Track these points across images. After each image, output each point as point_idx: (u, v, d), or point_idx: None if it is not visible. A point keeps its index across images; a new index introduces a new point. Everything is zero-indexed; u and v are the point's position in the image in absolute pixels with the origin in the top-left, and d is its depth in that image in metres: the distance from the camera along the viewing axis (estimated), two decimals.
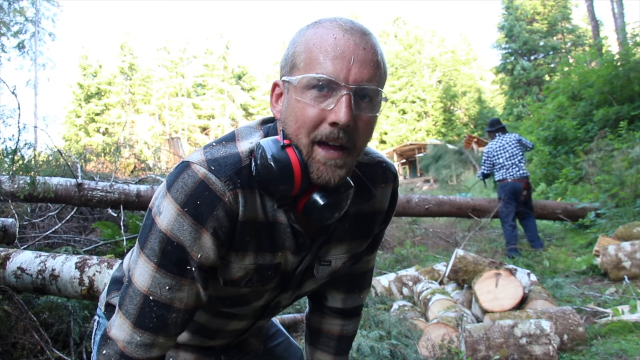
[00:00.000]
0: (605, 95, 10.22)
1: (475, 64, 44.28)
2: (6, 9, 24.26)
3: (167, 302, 0.79)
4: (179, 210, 0.76)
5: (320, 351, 1.16)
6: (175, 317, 0.80)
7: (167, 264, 0.77)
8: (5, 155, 3.63)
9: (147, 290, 0.78)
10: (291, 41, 0.82)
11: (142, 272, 0.79)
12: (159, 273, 0.78)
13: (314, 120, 0.76)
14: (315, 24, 0.80)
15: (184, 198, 0.76)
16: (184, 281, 0.79)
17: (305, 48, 0.78)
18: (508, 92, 27.94)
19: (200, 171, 0.77)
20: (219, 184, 0.76)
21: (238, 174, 0.78)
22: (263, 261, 0.86)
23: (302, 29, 0.82)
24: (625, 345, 2.65)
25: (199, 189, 0.76)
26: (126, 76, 41.33)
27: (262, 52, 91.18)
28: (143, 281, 0.78)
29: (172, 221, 0.76)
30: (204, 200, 0.76)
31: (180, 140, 12.31)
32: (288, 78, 0.79)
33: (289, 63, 0.80)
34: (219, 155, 0.79)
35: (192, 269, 0.78)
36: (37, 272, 2.11)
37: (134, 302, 0.79)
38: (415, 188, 18.37)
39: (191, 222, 0.76)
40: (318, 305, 1.17)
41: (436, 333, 2.78)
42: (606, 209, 6.28)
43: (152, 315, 0.79)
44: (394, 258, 5.43)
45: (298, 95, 0.77)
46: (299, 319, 2.90)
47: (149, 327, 0.79)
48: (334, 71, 0.75)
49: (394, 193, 1.02)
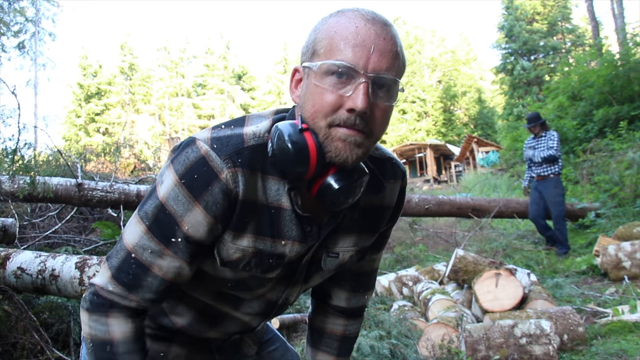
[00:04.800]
0: (605, 95, 10.22)
1: (475, 64, 44.27)
2: (6, 9, 24.25)
3: (146, 264, 0.82)
4: (177, 181, 0.79)
5: (323, 352, 1.16)
6: (151, 282, 0.83)
7: (155, 230, 0.81)
8: (5, 155, 3.63)
9: (131, 248, 0.82)
10: (313, 28, 0.84)
11: (133, 231, 0.83)
12: (147, 235, 0.81)
13: (332, 105, 0.78)
14: (338, 13, 0.82)
15: (183, 170, 0.79)
16: (166, 251, 0.81)
17: (326, 35, 0.80)
18: (508, 92, 27.89)
19: (203, 147, 0.80)
20: (217, 160, 0.79)
21: (239, 154, 0.80)
22: (263, 246, 0.87)
23: (324, 17, 0.84)
24: (625, 345, 2.65)
25: (198, 164, 0.79)
26: (126, 76, 41.33)
27: (262, 52, 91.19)
28: (131, 239, 0.83)
29: (169, 190, 0.80)
30: (201, 175, 0.78)
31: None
32: (308, 64, 0.81)
33: (310, 49, 0.82)
34: (223, 135, 0.82)
35: (177, 242, 0.81)
36: (37, 272, 2.11)
37: (118, 256, 0.83)
38: (415, 188, 18.37)
39: (186, 193, 0.79)
40: (322, 304, 1.17)
41: (436, 333, 2.78)
42: (606, 209, 6.28)
43: (129, 272, 0.82)
44: (394, 258, 5.44)
45: (317, 81, 0.79)
46: (299, 319, 2.90)
47: (123, 282, 0.83)
48: (354, 59, 0.76)
49: (402, 191, 1.03)
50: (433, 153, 28.28)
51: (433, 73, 41.42)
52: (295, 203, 0.86)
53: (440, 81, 40.94)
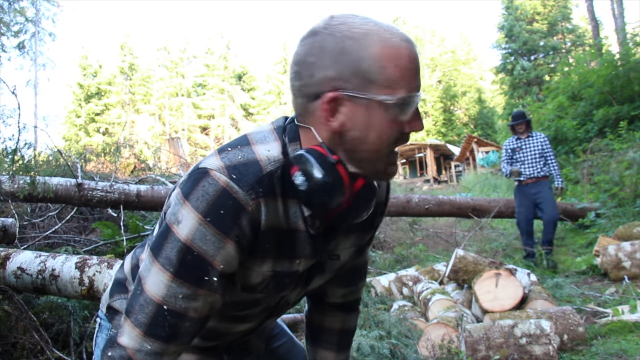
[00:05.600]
0: (605, 95, 10.22)
1: (475, 64, 44.29)
2: (6, 9, 24.26)
3: (181, 311, 0.77)
4: (200, 219, 0.74)
5: (323, 349, 1.17)
6: (189, 326, 0.79)
7: (184, 274, 0.76)
8: (5, 155, 3.63)
9: (161, 300, 0.76)
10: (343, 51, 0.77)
11: (156, 281, 0.77)
12: (175, 282, 0.76)
13: (397, 135, 0.80)
14: (373, 33, 0.77)
15: (206, 207, 0.74)
16: (200, 291, 0.77)
17: (381, 63, 0.76)
18: (508, 92, 27.92)
19: (221, 179, 0.75)
20: (241, 193, 0.74)
21: (260, 183, 0.77)
22: (281, 268, 0.86)
23: (357, 38, 0.77)
24: (625, 345, 2.65)
25: (221, 198, 0.74)
26: (126, 76, 41.34)
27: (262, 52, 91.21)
28: (157, 290, 0.76)
29: (193, 230, 0.74)
30: (227, 210, 0.74)
31: (180, 140, 12.33)
32: (368, 95, 0.77)
33: (359, 76, 0.77)
34: (237, 162, 0.77)
35: (210, 279, 0.77)
36: (37, 272, 2.11)
37: (146, 311, 0.77)
38: (415, 188, 18.36)
39: (215, 231, 0.74)
40: (318, 302, 1.18)
41: (436, 333, 2.78)
42: (606, 209, 6.28)
43: (165, 324, 0.77)
44: (394, 258, 5.43)
45: (383, 111, 0.77)
46: (299, 319, 2.90)
47: (161, 337, 0.77)
48: (417, 87, 0.79)
49: (388, 185, 1.06)
50: (433, 153, 28.28)
51: (433, 73, 41.44)
52: (311, 226, 0.85)
53: (440, 81, 40.96)
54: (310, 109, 0.81)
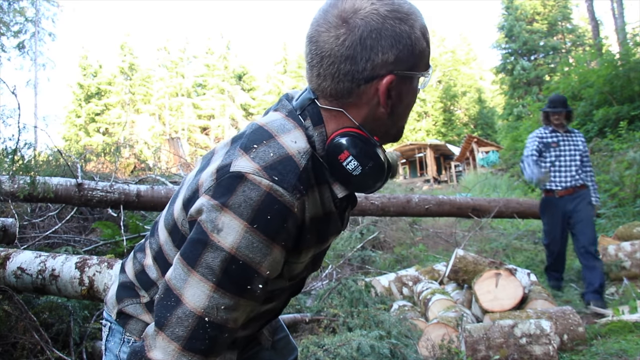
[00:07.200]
0: (605, 95, 10.22)
1: (475, 64, 44.29)
2: (6, 9, 24.25)
3: (222, 322, 0.74)
4: (246, 226, 0.71)
5: None
6: (227, 337, 0.76)
7: (227, 284, 0.72)
8: (5, 155, 3.62)
9: (202, 312, 0.72)
10: (398, 34, 0.76)
11: (197, 292, 0.72)
12: (218, 293, 0.72)
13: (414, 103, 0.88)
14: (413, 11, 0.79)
15: (251, 213, 0.70)
16: (242, 301, 0.75)
17: (424, 41, 0.81)
18: (508, 92, 27.90)
19: (262, 182, 0.71)
20: (287, 195, 0.72)
21: (300, 180, 0.75)
22: (319, 250, 0.89)
23: (409, 20, 0.77)
24: (625, 345, 2.65)
25: (267, 203, 0.71)
26: (126, 76, 41.32)
27: (262, 52, 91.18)
28: (199, 302, 0.72)
29: (239, 238, 0.71)
30: (275, 214, 0.71)
31: (180, 140, 12.32)
32: (419, 73, 0.82)
33: (413, 57, 0.79)
34: (272, 160, 0.74)
35: (253, 287, 0.74)
36: (37, 272, 2.11)
37: (185, 324, 0.72)
38: (415, 188, 18.35)
39: (262, 238, 0.71)
40: None
41: (436, 333, 2.78)
42: (606, 209, 6.28)
43: (205, 337, 0.73)
44: (394, 258, 5.44)
45: (416, 86, 0.84)
46: (299, 319, 2.90)
47: (200, 350, 0.73)
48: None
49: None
50: (433, 153, 28.27)
51: (433, 73, 41.40)
52: (340, 204, 0.88)
53: (440, 81, 40.94)
54: (357, 93, 0.79)
